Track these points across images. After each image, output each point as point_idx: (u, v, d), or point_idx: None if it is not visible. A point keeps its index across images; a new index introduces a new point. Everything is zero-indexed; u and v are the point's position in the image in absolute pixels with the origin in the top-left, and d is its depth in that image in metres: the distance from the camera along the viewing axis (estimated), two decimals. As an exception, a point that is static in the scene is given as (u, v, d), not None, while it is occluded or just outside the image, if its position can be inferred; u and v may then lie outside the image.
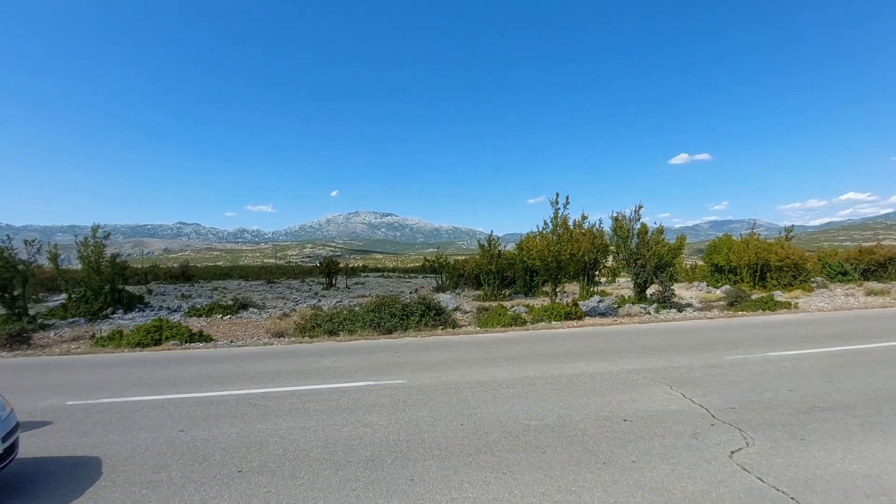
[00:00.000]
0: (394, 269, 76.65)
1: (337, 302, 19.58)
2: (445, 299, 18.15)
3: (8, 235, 15.82)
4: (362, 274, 57.15)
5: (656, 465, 3.98)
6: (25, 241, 16.72)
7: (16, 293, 15.06)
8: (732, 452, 4.19)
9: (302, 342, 10.96)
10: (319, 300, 21.55)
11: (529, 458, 4.15)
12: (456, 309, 16.09)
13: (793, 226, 23.49)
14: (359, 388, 6.67)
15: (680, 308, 15.40)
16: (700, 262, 33.29)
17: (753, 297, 16.46)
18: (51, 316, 16.33)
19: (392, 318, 12.05)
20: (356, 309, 13.04)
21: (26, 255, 15.94)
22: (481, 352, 9.23)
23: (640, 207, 17.23)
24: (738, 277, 22.79)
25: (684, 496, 3.47)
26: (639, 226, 17.39)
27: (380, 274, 61.21)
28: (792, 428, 4.73)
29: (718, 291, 20.98)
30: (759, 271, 21.95)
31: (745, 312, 14.39)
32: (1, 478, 3.97)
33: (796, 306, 15.36)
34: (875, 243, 28.26)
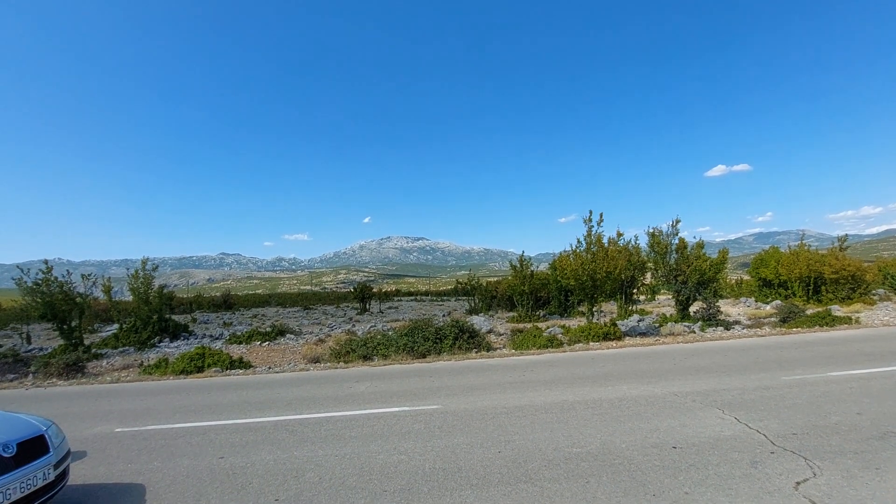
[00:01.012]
0: (426, 293, 76.80)
1: (371, 327, 19.69)
2: (479, 322, 17.94)
3: (67, 270, 16.86)
4: (395, 298, 57.52)
5: (712, 496, 3.69)
6: (83, 276, 17.78)
7: (73, 324, 15.93)
8: (798, 483, 3.84)
9: (337, 367, 11.01)
10: (354, 325, 21.75)
11: (572, 488, 3.93)
12: (490, 331, 15.85)
13: (846, 235, 22.13)
14: (394, 413, 6.59)
15: (727, 326, 14.62)
16: (746, 277, 31.74)
17: (808, 312, 15.46)
18: (103, 346, 17.14)
19: (425, 341, 11.97)
20: (390, 333, 13.05)
21: (83, 289, 16.93)
22: (517, 375, 8.99)
23: (678, 222, 16.67)
24: (790, 292, 21.55)
25: (746, 532, 3.18)
26: (677, 241, 16.80)
27: (412, 298, 61.44)
28: (864, 455, 4.30)
29: (768, 307, 19.86)
30: (812, 284, 20.70)
31: (799, 329, 13.50)
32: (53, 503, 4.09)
33: (857, 321, 14.31)
34: (942, 251, 26.18)
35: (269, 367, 11.53)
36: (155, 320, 18.34)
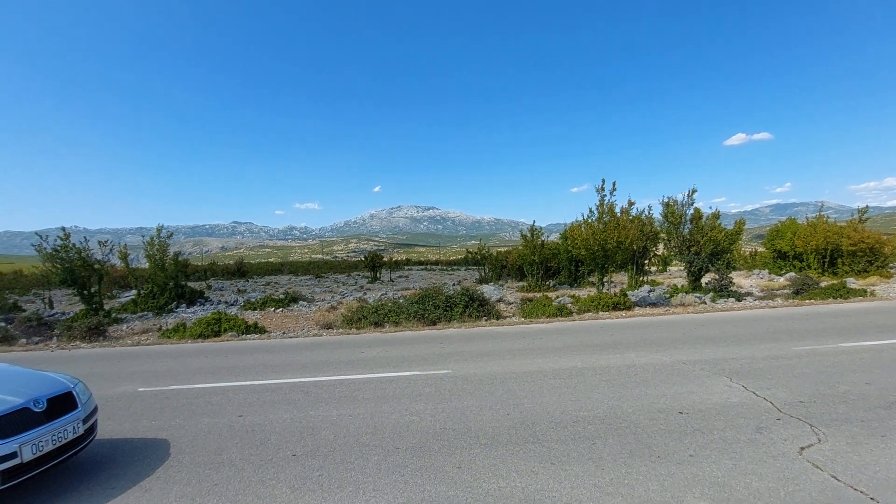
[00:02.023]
0: (436, 262, 77.17)
1: (382, 294, 19.95)
2: (489, 290, 18.06)
3: (85, 237, 17.18)
4: (405, 267, 57.94)
5: (716, 459, 3.77)
6: (100, 243, 18.15)
7: (93, 290, 16.38)
8: (802, 448, 3.90)
9: (349, 333, 11.25)
10: (365, 293, 22.04)
11: (579, 449, 4.04)
12: (499, 300, 15.97)
13: (867, 207, 21.55)
14: (405, 377, 6.76)
15: (739, 297, 14.54)
16: (760, 249, 31.32)
17: (822, 284, 15.29)
18: (122, 311, 17.65)
19: (436, 309, 12.12)
20: (400, 301, 13.22)
21: (101, 256, 17.31)
22: (526, 342, 9.11)
23: (694, 191, 16.37)
24: (805, 264, 21.26)
25: (748, 493, 3.26)
26: (692, 211, 16.53)
27: (423, 267, 61.82)
28: (871, 423, 4.34)
29: (782, 279, 19.67)
30: (828, 257, 20.38)
31: (813, 301, 13.39)
32: (82, 456, 4.33)
33: (873, 294, 14.14)
34: (966, 224, 25.47)
35: (284, 333, 11.82)
36: (171, 287, 18.77)
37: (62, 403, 3.93)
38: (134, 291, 20.03)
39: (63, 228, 16.66)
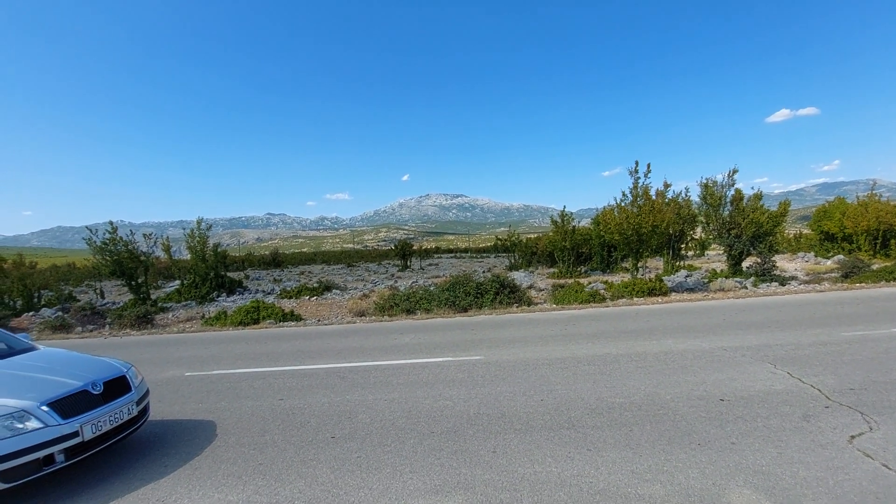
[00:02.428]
0: (466, 250, 77.14)
1: (413, 282, 20.14)
2: (519, 277, 17.95)
3: (131, 231, 18.04)
4: (435, 255, 58.20)
5: (760, 447, 3.66)
6: (144, 236, 19.04)
7: (140, 281, 17.23)
8: (852, 437, 3.74)
9: (382, 320, 11.44)
10: (396, 281, 22.31)
11: (615, 436, 4.01)
12: (530, 287, 15.86)
13: (927, 184, 20.13)
14: (437, 363, 6.84)
15: (783, 281, 13.93)
16: (806, 231, 29.82)
17: (874, 267, 14.44)
18: (167, 300, 18.51)
19: (467, 296, 12.16)
20: (431, 288, 13.32)
21: (146, 248, 18.17)
22: (558, 329, 9.04)
23: (735, 171, 15.68)
24: (854, 245, 20.13)
25: (795, 482, 3.16)
26: (732, 192, 15.86)
27: (452, 255, 61.95)
28: (929, 412, 4.11)
29: (829, 262, 18.70)
30: (880, 238, 19.21)
31: (863, 284, 12.69)
32: (136, 436, 4.60)
33: (932, 276, 13.26)
34: None
35: (319, 320, 12.13)
36: (212, 277, 19.52)
37: (117, 386, 4.18)
38: (177, 281, 20.99)
39: (111, 222, 17.53)
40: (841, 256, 18.94)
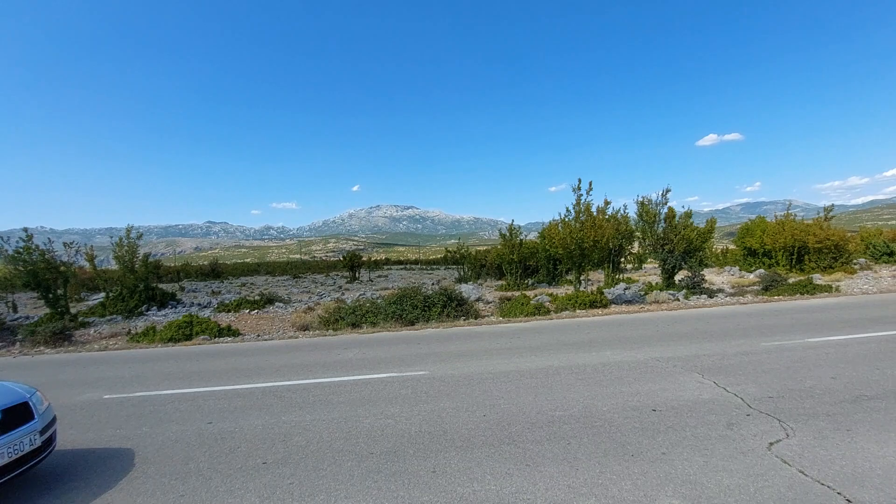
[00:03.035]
0: (416, 262, 76.99)
1: (360, 295, 19.75)
2: (467, 290, 18.06)
3: (49, 238, 16.50)
4: (385, 267, 57.56)
5: (688, 457, 3.81)
6: (65, 244, 17.47)
7: (58, 293, 15.74)
8: (771, 444, 3.98)
9: (326, 335, 11.08)
10: (343, 293, 21.79)
11: (554, 450, 4.04)
12: (478, 299, 15.98)
13: (832, 205, 22.35)
14: (381, 379, 6.67)
15: (711, 294, 14.89)
16: (732, 246, 32.19)
17: (790, 280, 15.77)
18: (90, 314, 17.01)
19: (414, 309, 12.05)
20: (378, 301, 13.09)
21: (66, 257, 16.66)
22: (504, 342, 9.12)
23: (668, 191, 16.70)
24: (773, 261, 21.92)
25: (719, 490, 3.30)
26: (666, 210, 16.86)
27: (402, 266, 61.55)
28: (837, 418, 4.46)
29: (752, 276, 20.23)
30: (795, 254, 21.05)
31: (781, 297, 13.80)
32: (40, 469, 4.12)
33: (838, 289, 14.65)
34: (923, 221, 26.69)
35: (258, 335, 11.57)
36: (142, 289, 18.17)
37: (18, 414, 3.75)
38: (102, 294, 19.35)
39: (25, 229, 15.96)
40: (762, 270, 20.55)
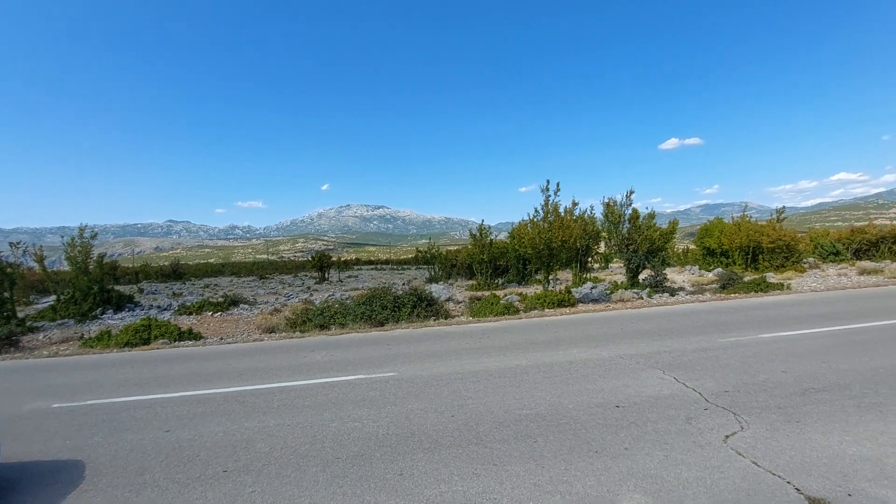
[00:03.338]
0: (387, 262, 76.46)
1: (329, 295, 19.44)
2: (438, 290, 18.05)
3: (-9, 237, 15.53)
4: (355, 267, 56.90)
5: (649, 451, 3.92)
6: (11, 244, 16.45)
7: (3, 296, 14.80)
8: (727, 437, 4.14)
9: (293, 337, 10.84)
10: (311, 294, 21.40)
11: (520, 449, 4.08)
12: (448, 299, 16.00)
13: (784, 207, 23.53)
14: (349, 382, 6.58)
15: (672, 292, 15.41)
16: (692, 246, 33.43)
17: (746, 279, 16.50)
18: (40, 318, 16.07)
19: (383, 310, 11.94)
20: (347, 302, 12.92)
21: (13, 258, 15.68)
22: (473, 342, 9.16)
23: (632, 193, 17.16)
24: (731, 260, 22.88)
25: (678, 483, 3.41)
26: (630, 211, 17.33)
27: (373, 266, 61.02)
28: (787, 410, 4.69)
29: (711, 275, 21.04)
30: (751, 253, 22.03)
31: (737, 295, 14.41)
32: (-23, 486, 3.86)
33: (789, 287, 15.42)
34: (867, 223, 28.44)
35: (221, 338, 11.20)
36: (96, 291, 17.30)
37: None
38: (53, 297, 18.32)
39: (-35, 228, 14.95)
40: (720, 269, 21.41)
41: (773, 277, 17.90)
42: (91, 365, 8.93)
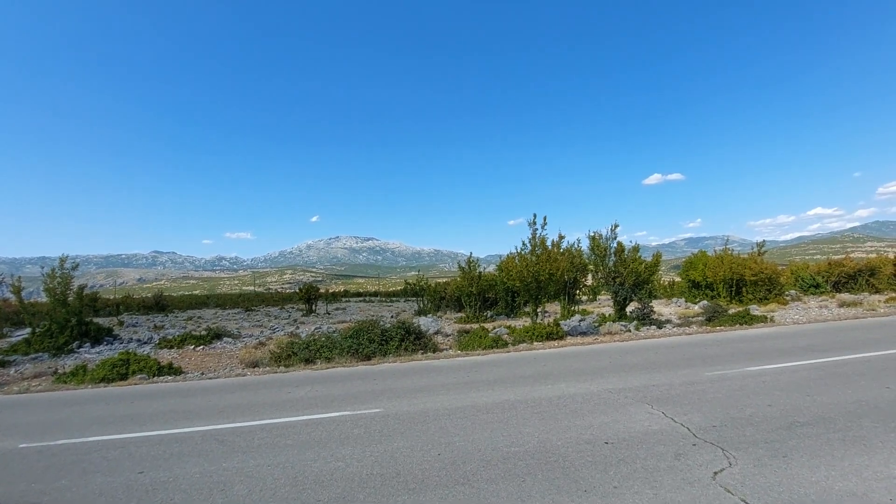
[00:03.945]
0: (375, 294, 75.86)
1: (315, 328, 19.14)
2: (426, 323, 17.90)
3: (-33, 268, 15.13)
4: (343, 299, 56.33)
5: (639, 489, 3.85)
6: (-13, 274, 16.03)
7: (-27, 329, 14.31)
8: (715, 473, 4.10)
9: (277, 372, 10.59)
10: (298, 327, 21.05)
11: (508, 488, 3.98)
12: (437, 332, 15.86)
13: (764, 241, 24.10)
14: (333, 419, 6.41)
15: (659, 325, 15.48)
16: (677, 279, 33.85)
17: (730, 311, 16.69)
18: (12, 352, 15.50)
19: (371, 343, 11.77)
20: (334, 335, 12.72)
21: (-13, 289, 15.27)
22: (461, 376, 9.04)
23: (616, 226, 17.48)
24: (715, 292, 23.17)
25: (667, 523, 3.34)
26: (615, 244, 17.60)
27: (361, 298, 60.45)
28: (774, 445, 4.67)
29: (696, 307, 21.24)
30: (734, 286, 22.36)
31: (722, 327, 14.53)
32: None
33: (772, 320, 15.61)
34: (844, 256, 29.19)
35: (203, 373, 10.89)
36: (74, 323, 16.82)
37: None
38: (28, 329, 17.74)
39: (-60, 259, 14.57)
40: (705, 302, 21.65)
41: (756, 310, 18.12)
42: (64, 402, 8.58)
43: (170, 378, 10.46)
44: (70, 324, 16.67)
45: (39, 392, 9.75)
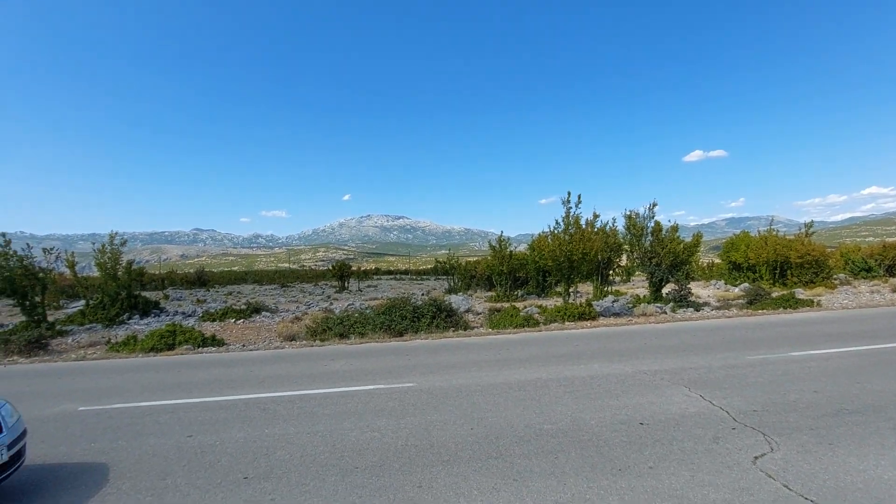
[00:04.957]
0: (406, 272, 76.72)
1: (349, 305, 19.58)
2: (457, 301, 18.01)
3: (28, 244, 16.11)
4: (374, 276, 57.24)
5: (675, 471, 3.80)
6: (44, 250, 17.04)
7: (35, 300, 15.33)
8: (756, 458, 3.99)
9: (313, 345, 10.93)
10: (331, 303, 21.59)
11: (541, 464, 4.00)
12: (468, 310, 15.94)
13: (812, 221, 22.83)
14: (368, 391, 6.58)
15: (697, 307, 15.03)
16: (717, 260, 32.65)
17: (774, 295, 16.00)
18: (69, 322, 16.59)
19: (403, 320, 11.96)
20: (367, 311, 12.98)
21: (45, 264, 16.25)
22: (493, 354, 9.08)
23: (655, 205, 16.90)
24: (757, 275, 22.23)
25: (705, 504, 3.29)
26: (653, 224, 17.05)
27: (392, 276, 61.28)
28: (819, 432, 4.50)
29: (737, 290, 20.48)
30: (778, 268, 21.38)
31: (765, 311, 13.98)
32: (7, 485, 3.96)
33: (819, 304, 14.89)
34: (900, 238, 27.36)
35: (243, 345, 11.37)
36: (124, 296, 17.80)
37: (-16, 427, 3.60)
38: (83, 302, 18.92)
39: (3, 234, 15.57)
40: (746, 284, 20.83)
41: (802, 293, 17.32)
42: (117, 369, 9.15)
43: (213, 349, 10.97)
44: (120, 297, 17.64)
45: (94, 359, 10.42)
